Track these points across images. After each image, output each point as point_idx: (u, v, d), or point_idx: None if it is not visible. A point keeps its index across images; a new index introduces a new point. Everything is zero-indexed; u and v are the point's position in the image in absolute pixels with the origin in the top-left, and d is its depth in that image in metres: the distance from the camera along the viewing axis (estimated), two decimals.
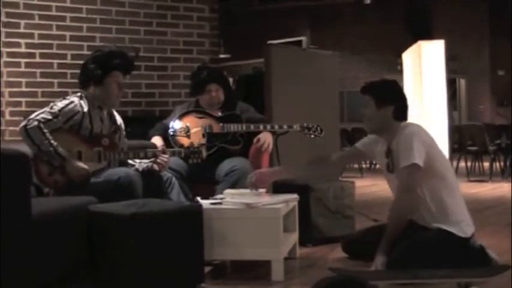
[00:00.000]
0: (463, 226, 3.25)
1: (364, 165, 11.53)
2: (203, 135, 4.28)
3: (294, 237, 3.73)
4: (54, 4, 5.25)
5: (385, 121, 3.33)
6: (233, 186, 3.98)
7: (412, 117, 7.34)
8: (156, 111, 5.64)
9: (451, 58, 14.45)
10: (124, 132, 3.89)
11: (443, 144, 6.34)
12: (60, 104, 3.57)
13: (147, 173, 3.64)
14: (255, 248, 3.20)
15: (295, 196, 3.67)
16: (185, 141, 4.20)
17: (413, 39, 7.07)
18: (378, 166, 11.88)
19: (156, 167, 3.68)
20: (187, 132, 4.30)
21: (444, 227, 3.22)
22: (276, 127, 4.40)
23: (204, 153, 3.79)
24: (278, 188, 4.06)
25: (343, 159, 4.09)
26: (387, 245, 3.15)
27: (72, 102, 3.61)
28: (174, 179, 3.74)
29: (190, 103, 4.56)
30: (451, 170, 3.48)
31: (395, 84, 3.47)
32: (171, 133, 4.31)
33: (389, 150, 3.38)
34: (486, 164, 9.36)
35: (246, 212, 3.23)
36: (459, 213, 3.28)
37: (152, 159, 3.69)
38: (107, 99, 3.72)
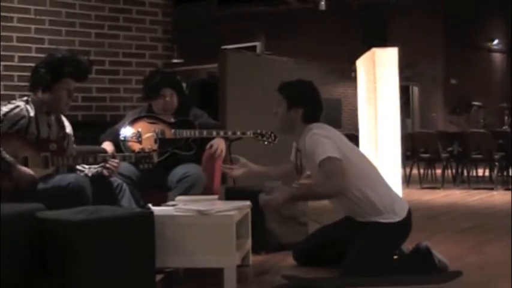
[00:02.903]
0: (396, 209, 3.30)
1: None
2: (155, 141, 4.26)
3: (247, 244, 3.74)
4: (1, 4, 5.15)
5: (294, 122, 3.41)
6: (185, 192, 3.97)
7: (365, 124, 7.43)
8: (107, 116, 5.58)
9: (405, 66, 14.72)
10: (73, 138, 3.83)
11: (396, 151, 6.43)
12: (4, 108, 3.50)
13: (96, 179, 3.59)
14: (208, 256, 3.20)
15: (248, 203, 3.68)
16: (137, 147, 4.17)
17: (368, 46, 7.18)
18: None
19: (105, 172, 3.64)
20: (139, 137, 4.27)
21: (378, 219, 3.29)
22: (229, 133, 4.41)
23: (156, 159, 3.76)
24: (231, 194, 4.06)
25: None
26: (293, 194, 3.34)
27: (17, 106, 3.54)
28: (124, 185, 3.70)
29: (143, 108, 4.53)
30: (365, 159, 3.53)
31: (309, 86, 3.51)
32: (122, 138, 4.27)
33: (297, 150, 3.47)
34: (439, 171, 9.54)
35: (199, 218, 3.22)
36: (386, 200, 3.33)
37: (102, 164, 3.65)
38: (55, 105, 3.65)
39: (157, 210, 3.31)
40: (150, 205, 3.50)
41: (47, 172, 3.51)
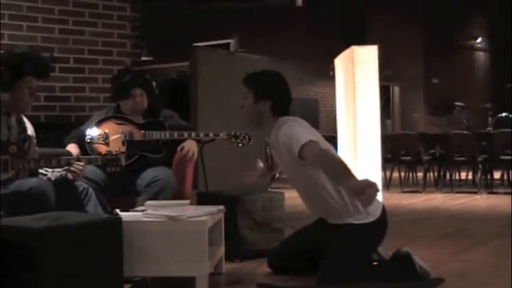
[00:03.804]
0: (369, 209, 3.31)
1: None
2: (123, 143, 4.24)
3: (220, 251, 3.74)
4: None
5: (262, 115, 3.41)
6: (155, 197, 3.96)
7: (343, 125, 7.47)
8: (72, 117, 5.54)
9: (385, 65, 14.84)
10: (35, 140, 3.80)
11: (375, 153, 6.47)
12: None
13: (60, 183, 3.56)
14: (179, 264, 3.19)
15: (221, 208, 3.68)
16: (103, 149, 4.14)
17: (347, 44, 7.22)
18: None
19: (70, 175, 3.61)
20: (105, 139, 4.25)
21: (351, 220, 3.31)
22: (202, 135, 4.41)
23: (124, 162, 3.75)
24: (203, 199, 4.05)
25: None
26: (347, 177, 3.01)
27: None
28: (90, 189, 3.68)
29: (110, 108, 4.51)
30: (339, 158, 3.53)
31: (276, 77, 3.52)
32: (88, 140, 4.25)
33: (267, 144, 3.48)
34: (420, 175, 9.63)
35: (169, 224, 3.22)
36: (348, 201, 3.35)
37: (66, 168, 3.62)
38: (16, 105, 3.61)
39: (125, 216, 3.29)
40: (117, 211, 3.49)
41: (7, 176, 3.47)
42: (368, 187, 2.83)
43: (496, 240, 4.84)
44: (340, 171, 3.00)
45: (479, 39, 19.77)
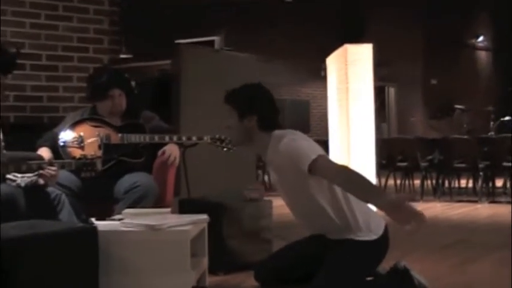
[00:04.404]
0: (371, 226, 3.33)
1: None
2: (99, 147, 4.23)
3: (204, 263, 3.73)
4: None
5: (250, 132, 3.39)
6: (134, 205, 3.95)
7: (336, 129, 7.51)
8: (44, 118, 5.52)
9: (381, 64, 14.91)
10: (3, 143, 3.78)
11: (370, 159, 6.51)
12: None
13: (31, 190, 3.55)
14: (159, 277, 3.18)
15: (205, 216, 3.68)
16: (78, 153, 4.13)
17: (341, 42, 7.26)
18: None
19: (41, 181, 3.60)
20: (80, 142, 4.25)
21: (352, 236, 3.31)
22: (184, 138, 4.41)
23: (100, 167, 3.74)
24: (186, 207, 4.05)
25: None
26: (377, 193, 2.97)
27: None
28: (64, 196, 3.68)
29: (85, 109, 4.50)
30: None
31: (258, 90, 3.49)
32: (62, 144, 4.23)
33: (266, 164, 3.47)
34: (417, 182, 9.66)
35: (149, 234, 3.21)
36: (361, 216, 3.36)
37: (37, 173, 3.60)
38: None
39: (101, 225, 3.28)
40: (93, 219, 3.48)
41: None
42: (407, 199, 2.79)
43: (499, 252, 4.87)
44: (369, 188, 2.96)
45: (481, 38, 19.87)
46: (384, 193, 2.89)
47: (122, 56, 6.91)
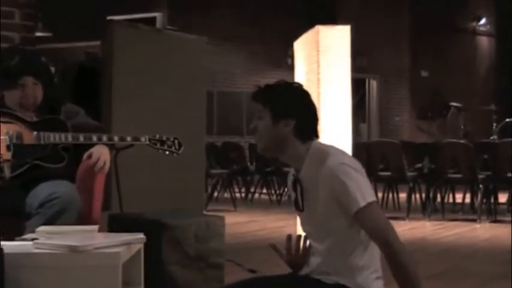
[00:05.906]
0: (370, 281, 3.36)
1: (238, 194, 11.66)
2: (8, 148, 4.18)
3: None
4: None
5: (283, 139, 3.38)
6: (51, 221, 3.92)
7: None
8: None
9: (360, 52, 15.02)
10: None
11: None
12: None
13: None
14: None
15: (141, 236, 3.66)
16: None
17: (310, 25, 7.26)
18: (256, 196, 12.11)
19: None
20: None
21: (345, 282, 3.32)
22: (116, 139, 4.38)
23: (8, 173, 3.71)
24: (117, 224, 4.03)
25: None
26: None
27: None
28: None
29: None
30: None
31: (298, 90, 3.53)
32: None
33: (297, 180, 3.42)
34: (403, 195, 9.73)
35: (70, 258, 3.19)
36: (370, 263, 3.38)
37: None
38: None
39: (9, 246, 3.24)
40: None
41: None
42: None
43: (499, 283, 4.93)
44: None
45: (482, 21, 20.07)
46: None
47: (38, 34, 6.85)
